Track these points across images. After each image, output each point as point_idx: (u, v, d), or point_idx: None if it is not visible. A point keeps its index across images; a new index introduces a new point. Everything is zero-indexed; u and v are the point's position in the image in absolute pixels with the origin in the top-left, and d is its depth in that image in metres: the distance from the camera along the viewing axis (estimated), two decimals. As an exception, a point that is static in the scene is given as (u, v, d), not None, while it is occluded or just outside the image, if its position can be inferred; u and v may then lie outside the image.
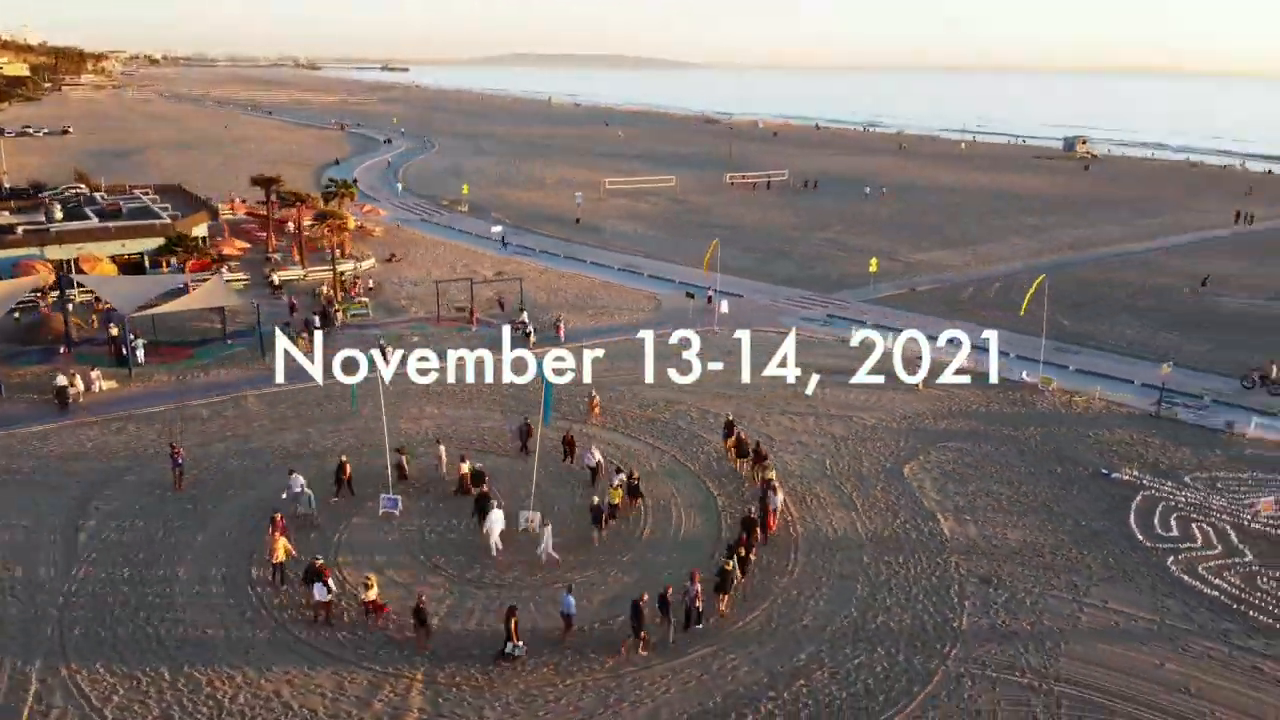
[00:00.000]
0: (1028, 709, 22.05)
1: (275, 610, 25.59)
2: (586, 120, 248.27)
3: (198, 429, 38.00)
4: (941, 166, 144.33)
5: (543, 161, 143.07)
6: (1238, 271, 72.96)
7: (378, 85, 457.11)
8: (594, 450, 33.56)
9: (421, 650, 23.71)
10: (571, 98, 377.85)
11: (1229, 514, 32.16)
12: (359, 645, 24.15)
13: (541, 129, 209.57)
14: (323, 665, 23.29)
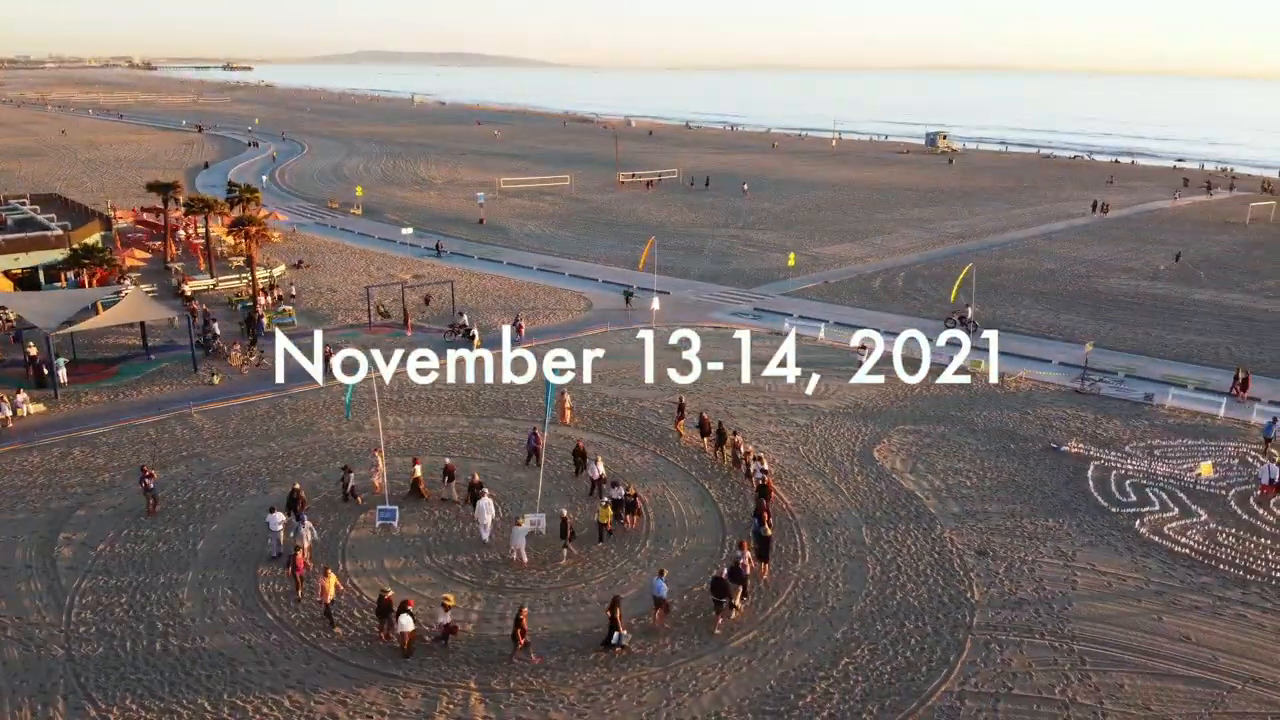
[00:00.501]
0: (1056, 667, 23.55)
1: (301, 631, 24.67)
2: (455, 119, 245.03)
3: (149, 450, 35.97)
4: (817, 163, 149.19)
5: (424, 162, 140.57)
6: (1112, 255, 78.59)
7: (225, 85, 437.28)
8: (598, 462, 32.88)
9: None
10: (433, 96, 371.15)
11: (1174, 479, 34.93)
12: (396, 659, 23.56)
13: (411, 128, 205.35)
14: (370, 682, 22.64)
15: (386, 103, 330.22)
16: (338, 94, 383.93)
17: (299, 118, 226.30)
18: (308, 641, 24.21)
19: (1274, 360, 50.60)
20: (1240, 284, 68.69)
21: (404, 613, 23.22)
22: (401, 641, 23.42)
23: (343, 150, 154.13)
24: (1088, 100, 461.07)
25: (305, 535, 27.01)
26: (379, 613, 24.00)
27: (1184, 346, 53.00)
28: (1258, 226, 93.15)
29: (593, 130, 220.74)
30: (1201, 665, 23.74)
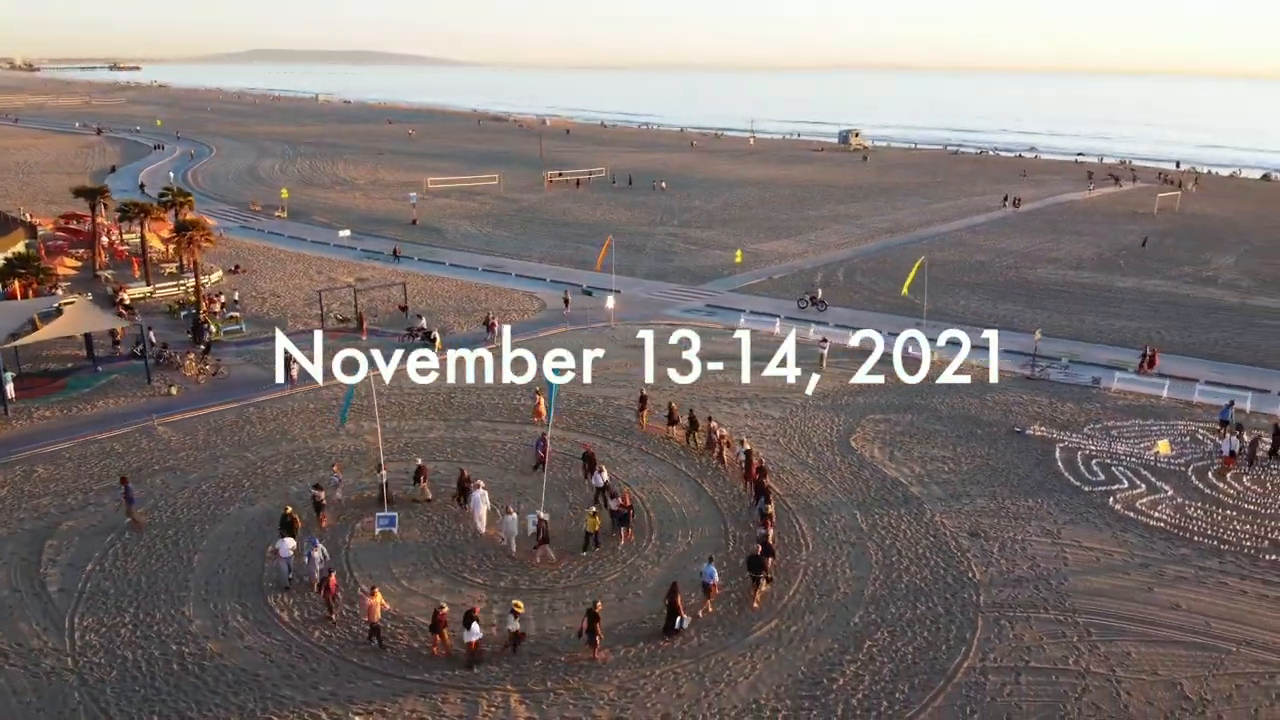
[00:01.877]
0: (1066, 639, 24.66)
1: (323, 644, 24.15)
2: (364, 118, 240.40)
3: (118, 464, 34.57)
4: (737, 161, 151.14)
5: (341, 162, 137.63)
6: (1035, 247, 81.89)
7: (115, 86, 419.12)
8: (603, 471, 31.86)
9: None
10: (336, 95, 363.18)
11: (1135, 457, 36.78)
12: (428, 666, 23.30)
13: (319, 128, 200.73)
14: (405, 692, 22.34)
15: (289, 102, 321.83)
16: (235, 93, 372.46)
17: (200, 118, 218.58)
18: (332, 654, 23.72)
19: (1201, 342, 53.60)
20: (1159, 271, 72.39)
21: (473, 621, 22.91)
22: (467, 650, 23.09)
23: (253, 151, 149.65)
24: (993, 99, 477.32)
25: (318, 560, 26.04)
26: (433, 627, 23.47)
27: (1118, 332, 55.63)
28: (1165, 216, 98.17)
29: (508, 129, 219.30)
30: (1196, 631, 25.16)
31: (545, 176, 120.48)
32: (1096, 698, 22.32)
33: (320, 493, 30.44)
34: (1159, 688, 22.72)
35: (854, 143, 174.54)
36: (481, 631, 23.06)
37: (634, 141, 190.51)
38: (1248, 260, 76.73)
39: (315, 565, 25.83)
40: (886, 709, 21.92)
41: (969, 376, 46.23)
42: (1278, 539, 30.14)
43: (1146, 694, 22.47)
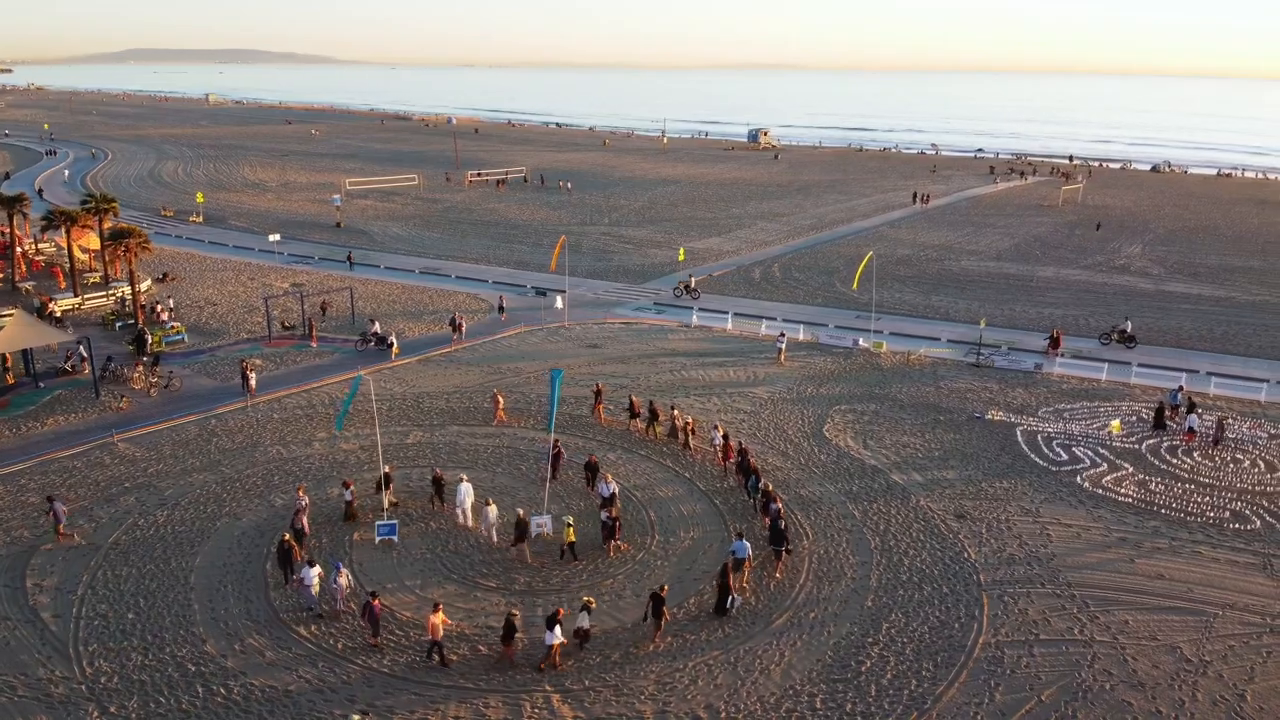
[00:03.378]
0: (1068, 611, 25.95)
1: (349, 656, 23.68)
2: (261, 118, 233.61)
3: (85, 483, 33.07)
4: (652, 160, 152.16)
5: (246, 164, 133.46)
6: (955, 240, 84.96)
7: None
8: (608, 480, 30.92)
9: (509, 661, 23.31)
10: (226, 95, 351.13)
11: (1091, 437, 38.74)
12: (459, 671, 23.08)
13: (215, 129, 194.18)
14: (445, 699, 22.10)
15: (177, 103, 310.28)
16: (119, 95, 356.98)
17: (88, 121, 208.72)
18: (361, 666, 23.27)
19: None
20: (1074, 260, 76.02)
21: (555, 624, 22.74)
22: (549, 655, 22.94)
23: (151, 154, 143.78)
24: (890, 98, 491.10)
25: (344, 584, 25.29)
26: (506, 634, 23.08)
27: (1046, 319, 58.27)
28: (1069, 208, 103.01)
29: (414, 128, 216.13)
30: (1181, 597, 26.77)
31: (465, 176, 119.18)
32: (1106, 664, 23.59)
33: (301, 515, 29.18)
34: (1160, 652, 24.13)
35: (763, 141, 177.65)
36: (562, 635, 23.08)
37: (546, 140, 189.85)
38: (1154, 248, 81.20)
39: (341, 591, 25.06)
40: (916, 688, 22.72)
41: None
42: (1237, 509, 32.21)
43: (1151, 658, 23.85)
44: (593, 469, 32.32)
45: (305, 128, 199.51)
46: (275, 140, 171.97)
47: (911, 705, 22.04)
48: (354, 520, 30.18)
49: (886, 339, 52.42)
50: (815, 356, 49.65)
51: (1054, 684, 22.83)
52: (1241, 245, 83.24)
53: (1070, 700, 22.22)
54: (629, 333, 53.74)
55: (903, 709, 21.92)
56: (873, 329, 53.82)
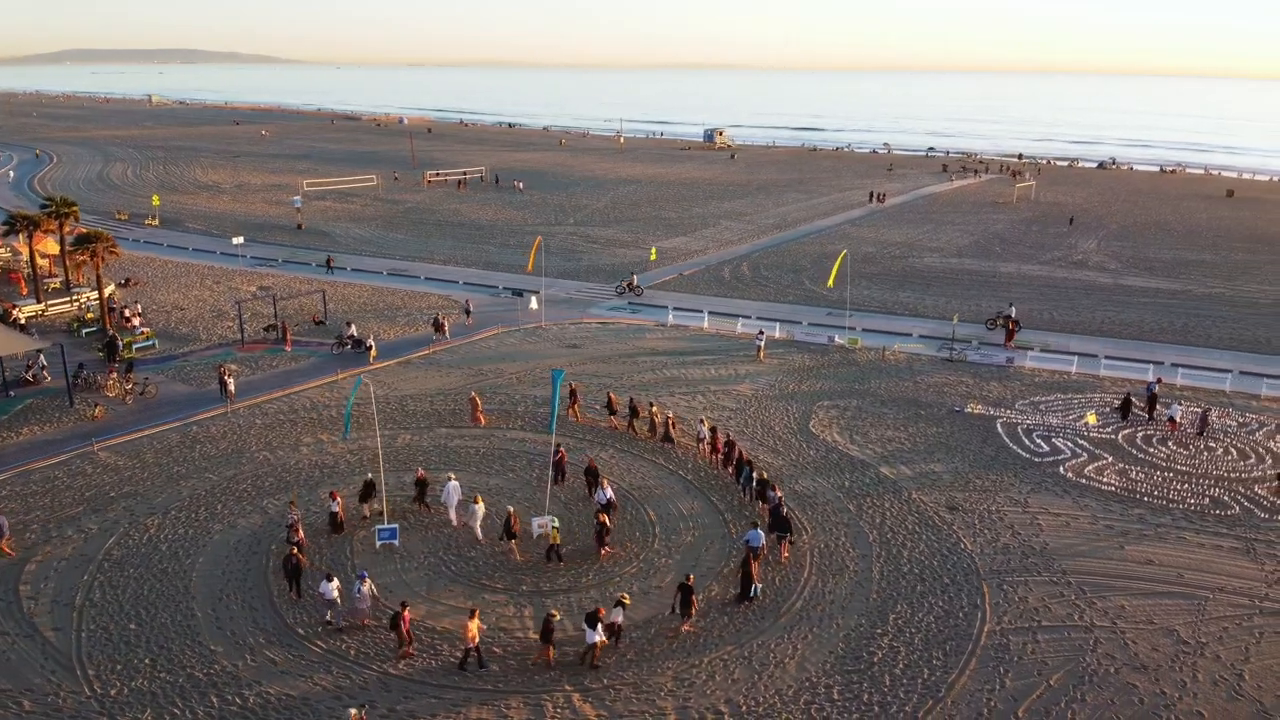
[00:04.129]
0: (1066, 598, 26.62)
1: (363, 662, 23.48)
2: (208, 119, 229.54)
3: (70, 493, 32.34)
4: (610, 160, 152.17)
5: (198, 166, 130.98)
6: (916, 237, 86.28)
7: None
8: (606, 487, 30.94)
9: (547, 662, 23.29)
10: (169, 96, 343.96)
11: (1069, 428, 39.70)
12: (477, 674, 23.02)
13: (162, 130, 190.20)
14: (466, 701, 22.02)
15: (120, 104, 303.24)
16: (59, 96, 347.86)
17: (29, 124, 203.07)
18: (376, 671, 23.10)
19: (1088, 321, 58.04)
20: (1033, 256, 77.65)
21: (596, 622, 22.74)
22: (592, 654, 23.01)
23: (98, 157, 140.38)
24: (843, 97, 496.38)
25: (367, 594, 24.86)
26: (544, 635, 23.07)
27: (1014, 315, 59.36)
28: (1023, 205, 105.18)
29: (365, 128, 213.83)
30: (1173, 582, 27.61)
31: (424, 177, 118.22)
32: (1109, 648, 24.25)
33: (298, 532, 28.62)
34: (1158, 635, 24.88)
35: (719, 141, 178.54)
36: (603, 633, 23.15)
37: (500, 140, 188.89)
38: (1109, 243, 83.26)
39: (365, 601, 24.64)
40: (929, 677, 23.15)
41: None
42: (1216, 495, 33.27)
43: (1150, 641, 24.57)
44: (593, 474, 32.01)
45: (254, 128, 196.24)
46: (224, 141, 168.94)
47: (926, 694, 22.46)
48: (341, 532, 29.50)
49: (860, 335, 53.09)
50: (793, 353, 50.18)
51: (1061, 669, 23.42)
52: (1192, 240, 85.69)
53: (1078, 684, 22.81)
54: (606, 332, 53.82)
55: (918, 698, 22.34)
56: (848, 325, 54.51)
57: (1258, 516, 31.70)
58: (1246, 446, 37.66)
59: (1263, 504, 32.64)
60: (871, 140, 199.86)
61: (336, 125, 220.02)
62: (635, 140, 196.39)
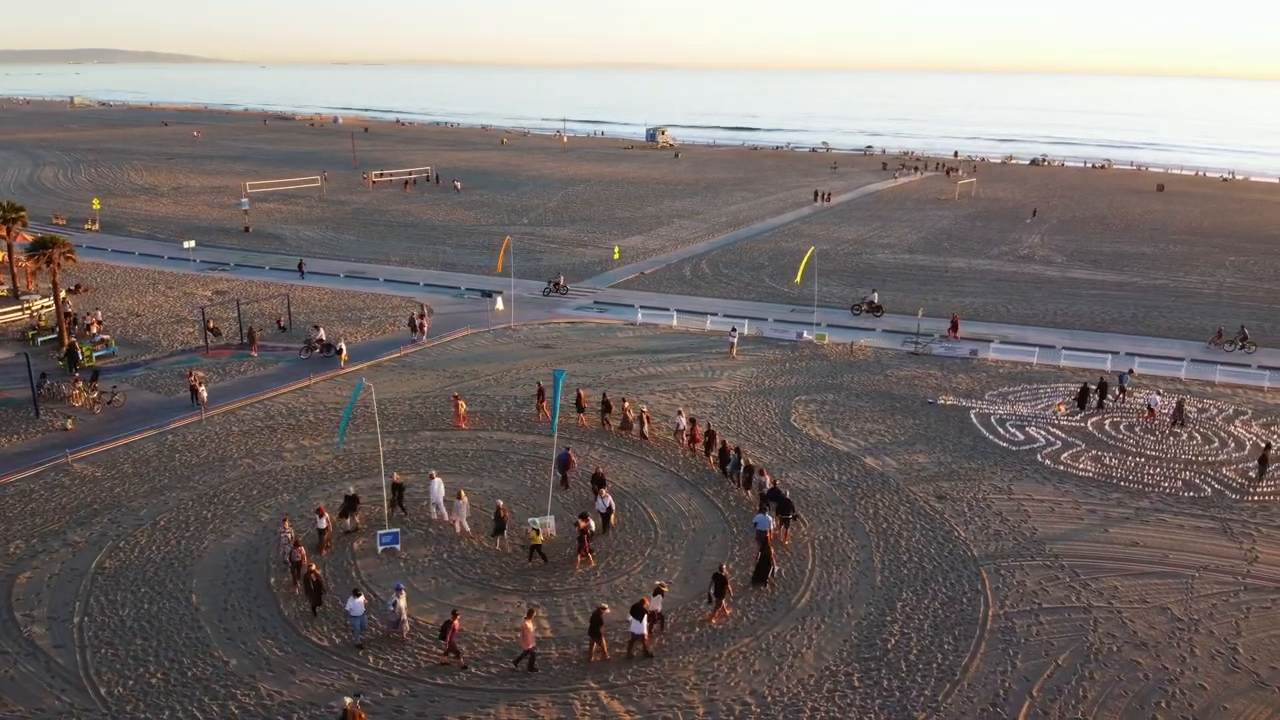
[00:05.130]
0: (1061, 581, 27.51)
1: (381, 666, 23.26)
2: (134, 120, 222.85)
3: (49, 506, 31.33)
4: (556, 160, 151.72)
5: (131, 168, 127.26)
6: (867, 234, 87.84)
7: None
8: (606, 495, 30.43)
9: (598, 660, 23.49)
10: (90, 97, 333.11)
11: (1039, 417, 40.93)
12: (504, 675, 22.99)
13: (90, 132, 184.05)
14: (493, 702, 21.96)
15: (40, 105, 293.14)
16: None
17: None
18: (395, 675, 22.91)
19: (1041, 313, 59.84)
20: (981, 251, 79.65)
21: (643, 614, 22.79)
22: (637, 643, 23.19)
23: (25, 160, 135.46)
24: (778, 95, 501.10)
25: (403, 608, 24.29)
26: (593, 629, 23.15)
27: (967, 308, 60.97)
28: (966, 202, 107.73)
29: (299, 128, 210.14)
30: (1159, 562, 28.72)
31: (369, 177, 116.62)
32: (1109, 627, 25.16)
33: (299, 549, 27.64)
34: (1153, 613, 25.88)
35: (661, 140, 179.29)
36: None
37: (439, 139, 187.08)
38: (1051, 238, 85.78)
39: (402, 614, 24.14)
40: (943, 661, 23.76)
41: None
42: (1188, 478, 34.65)
43: (1146, 619, 25.55)
44: (599, 481, 31.60)
45: (184, 129, 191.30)
46: (155, 143, 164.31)
47: (943, 678, 23.05)
48: (328, 550, 28.36)
49: (826, 331, 53.94)
50: (763, 350, 50.80)
51: (1066, 648, 24.23)
52: (1130, 233, 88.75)
53: (1085, 663, 23.63)
54: (577, 332, 53.84)
55: (935, 681, 22.92)
56: (814, 321, 55.37)
57: (1229, 498, 33.11)
58: (1209, 431, 39.26)
59: (1232, 485, 34.10)
60: (809, 139, 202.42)
61: (270, 125, 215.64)
62: (577, 140, 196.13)
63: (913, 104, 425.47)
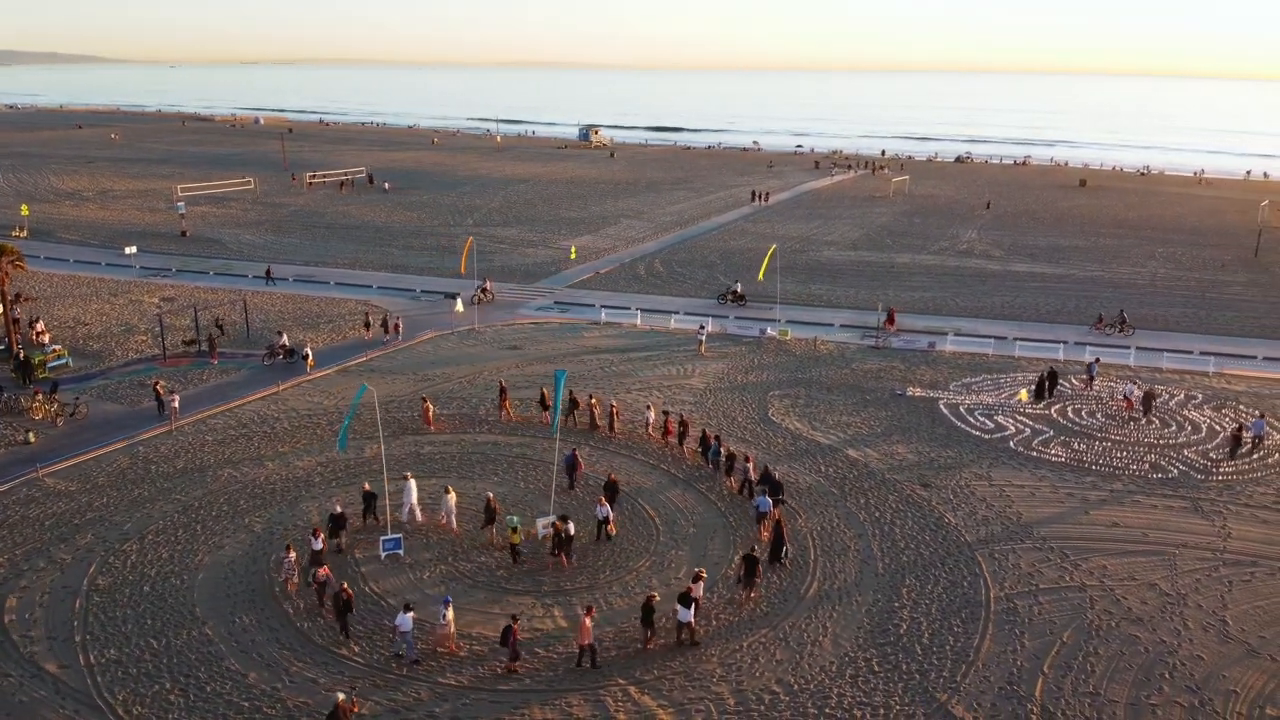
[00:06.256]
0: (1054, 563, 28.57)
1: (403, 670, 23.06)
2: (45, 123, 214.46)
3: (27, 523, 30.18)
4: (491, 159, 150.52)
5: (50, 173, 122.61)
6: (810, 231, 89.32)
7: None
8: (604, 504, 29.88)
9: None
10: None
11: (1004, 406, 42.31)
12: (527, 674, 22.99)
13: (1, 135, 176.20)
14: (525, 702, 21.96)
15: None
16: None
17: None
18: (420, 679, 22.74)
19: (990, 305, 61.69)
20: (922, 247, 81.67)
21: (690, 601, 22.92)
22: (685, 631, 23.69)
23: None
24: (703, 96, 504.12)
25: (452, 620, 23.84)
26: (646, 618, 23.40)
27: (918, 302, 62.61)
28: (901, 199, 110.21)
29: (220, 129, 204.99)
30: (1141, 541, 30.02)
31: (305, 178, 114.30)
32: (1105, 604, 26.26)
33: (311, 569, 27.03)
34: (1143, 590, 27.08)
35: (595, 139, 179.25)
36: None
37: (367, 139, 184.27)
38: (987, 233, 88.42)
39: (450, 626, 23.71)
40: (955, 643, 24.53)
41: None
42: (1155, 460, 36.24)
43: (1138, 596, 26.73)
44: (613, 488, 31.11)
45: (100, 132, 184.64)
46: (73, 146, 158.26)
47: (958, 659, 23.80)
48: (326, 571, 27.05)
49: (787, 327, 54.79)
50: (729, 346, 51.41)
51: (1068, 626, 25.23)
52: (1061, 227, 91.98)
53: (1088, 639, 24.64)
54: (542, 332, 53.74)
55: (952, 663, 23.65)
56: (775, 318, 56.23)
57: (1195, 478, 34.74)
58: (1166, 416, 41.07)
59: (1196, 466, 35.78)
60: (737, 139, 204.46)
61: (189, 127, 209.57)
62: (510, 139, 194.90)
63: (837, 103, 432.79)
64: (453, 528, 29.75)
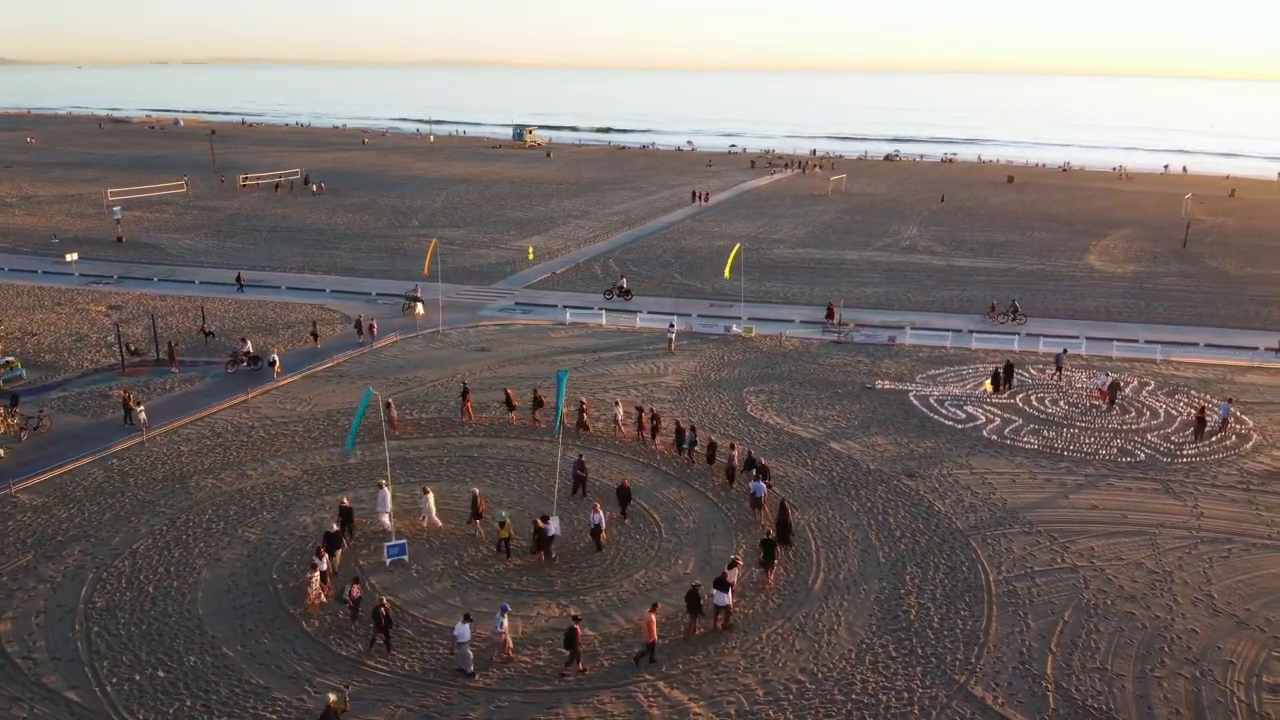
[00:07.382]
0: (1044, 546, 29.61)
1: (431, 672, 22.90)
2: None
3: (7, 543, 29.04)
4: (426, 159, 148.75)
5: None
6: (757, 230, 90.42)
7: None
8: (598, 510, 29.48)
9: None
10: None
11: (971, 397, 43.60)
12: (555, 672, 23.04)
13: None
14: (557, 702, 22.01)
15: None
16: None
17: None
18: (444, 681, 22.62)
19: (939, 299, 63.35)
20: (866, 244, 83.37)
21: (728, 586, 23.52)
22: (723, 615, 24.26)
23: None
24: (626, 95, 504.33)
25: (507, 627, 23.55)
26: (691, 606, 23.91)
27: (870, 297, 64.01)
28: (839, 197, 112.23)
29: (138, 131, 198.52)
30: (1122, 522, 31.31)
31: (238, 180, 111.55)
32: (1098, 584, 27.36)
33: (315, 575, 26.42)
34: (1131, 568, 28.28)
35: (530, 139, 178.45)
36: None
37: (294, 140, 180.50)
38: (927, 229, 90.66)
39: (506, 634, 23.43)
40: (964, 626, 25.31)
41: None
42: (1122, 445, 37.76)
43: (1128, 575, 27.91)
44: (625, 494, 31.05)
45: (14, 135, 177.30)
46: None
47: (970, 641, 24.57)
48: (329, 591, 26.55)
49: (750, 324, 55.52)
50: (698, 344, 51.88)
51: (1068, 606, 26.23)
52: (996, 223, 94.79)
53: (1087, 618, 25.66)
54: (508, 334, 53.51)
55: (964, 646, 24.41)
56: (740, 315, 56.93)
57: (1161, 461, 36.32)
58: (1124, 402, 42.79)
59: (1160, 450, 37.39)
60: (670, 139, 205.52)
61: (106, 129, 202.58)
62: (442, 139, 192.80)
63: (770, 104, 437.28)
64: (436, 525, 29.90)
